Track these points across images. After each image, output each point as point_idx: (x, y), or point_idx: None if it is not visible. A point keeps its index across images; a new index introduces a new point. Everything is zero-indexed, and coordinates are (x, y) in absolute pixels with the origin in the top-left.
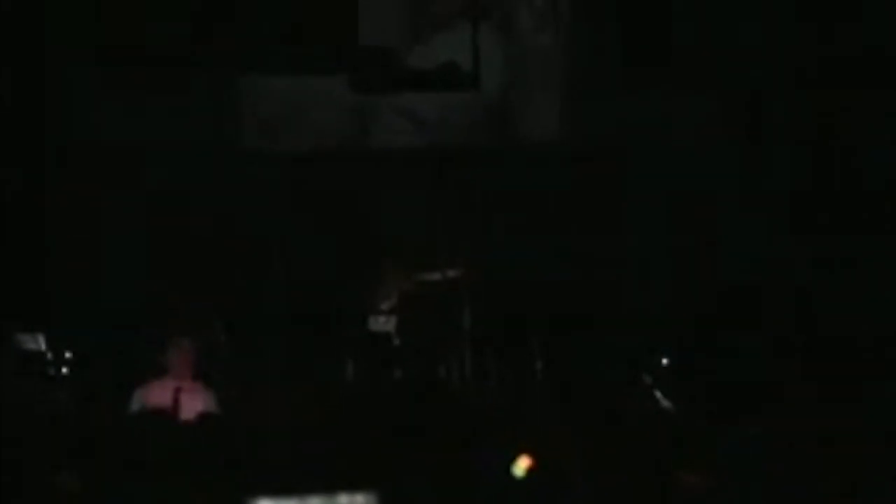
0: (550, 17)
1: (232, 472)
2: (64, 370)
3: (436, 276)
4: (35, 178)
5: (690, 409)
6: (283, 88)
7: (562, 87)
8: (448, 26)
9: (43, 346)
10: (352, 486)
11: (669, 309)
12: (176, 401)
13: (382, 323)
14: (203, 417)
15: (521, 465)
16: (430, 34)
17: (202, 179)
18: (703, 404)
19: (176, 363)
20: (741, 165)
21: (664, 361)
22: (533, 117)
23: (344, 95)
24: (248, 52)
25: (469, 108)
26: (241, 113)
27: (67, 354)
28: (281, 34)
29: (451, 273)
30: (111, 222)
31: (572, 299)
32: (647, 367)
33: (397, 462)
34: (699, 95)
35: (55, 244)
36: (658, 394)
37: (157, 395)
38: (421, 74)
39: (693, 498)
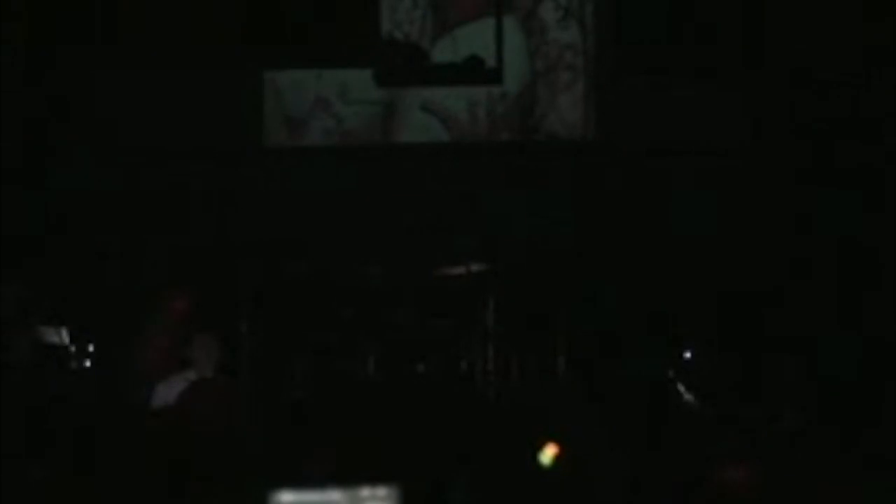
0: (574, 12)
1: (253, 465)
2: (87, 363)
3: (459, 270)
4: (60, 173)
5: (712, 403)
6: (307, 83)
7: (585, 81)
8: (471, 21)
9: (66, 340)
10: (373, 480)
11: (691, 303)
12: None
13: (401, 316)
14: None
15: (548, 454)
16: (454, 28)
17: (225, 176)
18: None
19: (198, 358)
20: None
21: (687, 355)
22: (556, 112)
23: (369, 90)
24: (269, 47)
25: (493, 102)
26: (264, 109)
27: (90, 348)
28: (303, 28)
29: (475, 267)
30: (135, 218)
31: (595, 294)
32: (670, 361)
33: (419, 455)
34: (725, 90)
35: (78, 240)
36: (681, 387)
37: (178, 389)
38: (445, 69)
39: (737, 493)
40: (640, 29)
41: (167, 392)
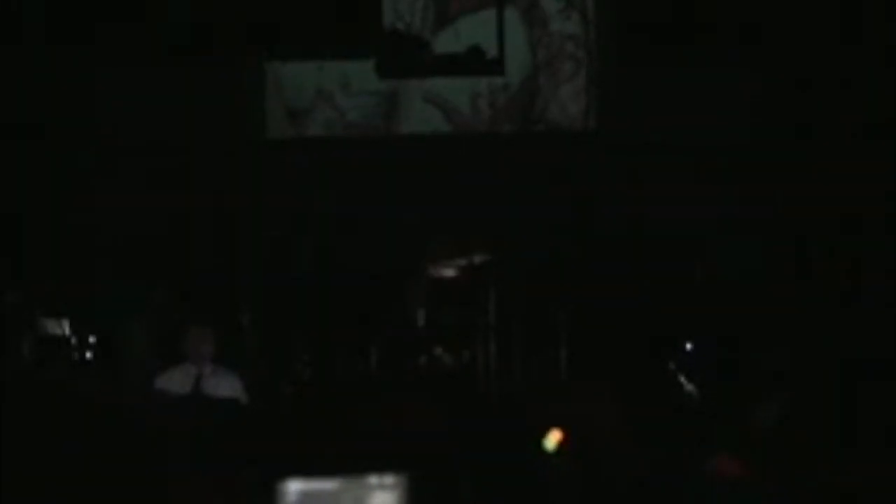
0: (576, 3)
1: (261, 453)
2: (88, 355)
3: (461, 261)
4: (61, 168)
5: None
6: (309, 75)
7: (587, 72)
8: (473, 12)
9: (67, 332)
10: (381, 468)
11: (691, 294)
12: (197, 387)
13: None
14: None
15: (552, 440)
16: (455, 20)
17: (228, 168)
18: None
19: (195, 350)
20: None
21: (688, 347)
22: (558, 103)
23: (370, 81)
24: (271, 38)
25: (494, 93)
26: (266, 101)
27: (91, 339)
28: (304, 20)
29: (477, 259)
30: (135, 210)
31: (597, 287)
32: (671, 352)
33: (426, 445)
34: (726, 80)
35: (80, 233)
36: (682, 379)
37: (178, 381)
38: (446, 59)
39: (730, 482)
40: (641, 20)
41: (166, 385)
